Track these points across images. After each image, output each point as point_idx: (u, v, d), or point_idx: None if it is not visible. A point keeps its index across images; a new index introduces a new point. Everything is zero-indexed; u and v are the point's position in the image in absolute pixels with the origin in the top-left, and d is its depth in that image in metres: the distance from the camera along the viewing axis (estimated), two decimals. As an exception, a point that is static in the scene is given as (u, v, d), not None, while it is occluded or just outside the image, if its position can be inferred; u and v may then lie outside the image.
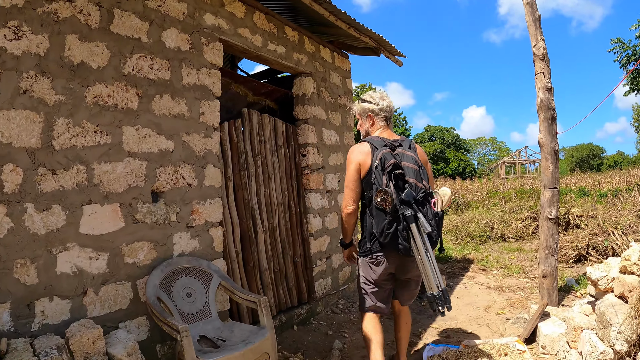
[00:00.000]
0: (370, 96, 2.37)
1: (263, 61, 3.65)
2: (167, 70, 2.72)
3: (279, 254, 3.71)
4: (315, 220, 4.12)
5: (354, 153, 2.24)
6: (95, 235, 2.31)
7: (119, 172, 2.46)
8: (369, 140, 2.25)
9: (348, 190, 2.24)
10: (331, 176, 4.38)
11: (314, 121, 4.12)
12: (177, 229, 2.75)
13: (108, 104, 2.42)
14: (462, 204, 12.42)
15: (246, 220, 3.40)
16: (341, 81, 4.69)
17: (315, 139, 4.13)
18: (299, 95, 4.09)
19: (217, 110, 3.03)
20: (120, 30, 2.48)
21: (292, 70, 3.98)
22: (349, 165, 2.23)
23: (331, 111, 4.44)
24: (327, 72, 4.41)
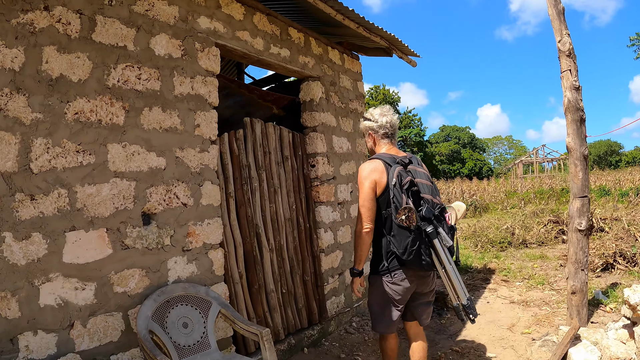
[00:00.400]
0: (370, 113, 2.34)
1: (265, 66, 3.45)
2: (156, 80, 2.54)
3: (287, 273, 3.49)
4: (326, 236, 3.89)
5: (367, 171, 2.18)
6: (80, 264, 2.17)
7: (104, 195, 2.30)
8: (380, 157, 2.22)
9: (365, 209, 2.16)
10: (343, 187, 4.14)
11: (323, 128, 3.89)
12: (171, 254, 2.57)
13: (91, 120, 2.26)
14: (480, 206, 12.16)
15: (250, 239, 3.19)
16: (352, 84, 4.45)
17: (324, 147, 3.90)
18: (306, 101, 3.87)
19: (215, 122, 2.84)
20: (103, 39, 2.32)
21: (298, 74, 3.77)
22: (362, 183, 2.17)
23: (342, 117, 4.20)
24: (337, 75, 4.18)
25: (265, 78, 4.61)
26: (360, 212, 2.18)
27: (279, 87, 4.49)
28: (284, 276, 3.45)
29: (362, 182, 2.17)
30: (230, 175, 3.10)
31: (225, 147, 3.09)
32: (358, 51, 4.55)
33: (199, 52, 2.78)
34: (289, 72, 3.69)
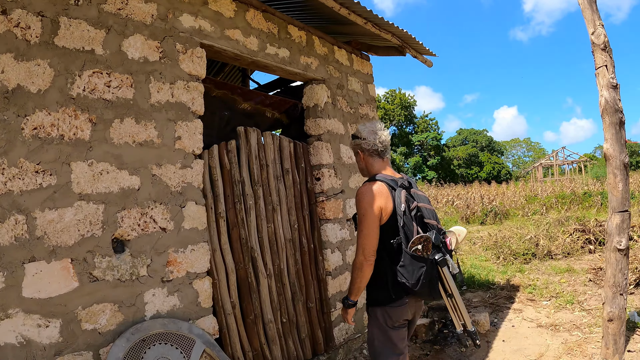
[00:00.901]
0: (357, 130, 2.24)
1: (262, 68, 3.19)
2: (129, 87, 2.30)
3: (288, 300, 3.19)
4: (333, 256, 3.58)
5: (371, 194, 2.02)
6: (42, 298, 1.98)
7: (67, 220, 2.09)
8: (382, 179, 2.08)
9: (369, 239, 2.00)
10: (353, 201, 3.82)
11: (329, 137, 3.59)
12: (148, 285, 2.32)
13: (52, 136, 2.06)
14: (500, 212, 11.90)
15: (244, 264, 2.92)
16: (362, 87, 4.14)
17: (331, 158, 3.60)
18: (309, 107, 3.58)
19: (199, 133, 2.58)
20: (67, 43, 2.12)
21: (301, 77, 3.49)
22: (366, 209, 2.00)
23: (351, 123, 3.89)
24: (344, 77, 3.88)
25: (269, 83, 4.34)
26: (364, 242, 2.00)
27: (284, 93, 4.21)
28: (285, 304, 3.16)
29: (366, 208, 2.00)
30: (221, 192, 2.83)
31: (215, 161, 2.83)
32: (368, 51, 4.24)
33: (181, 54, 2.54)
34: (289, 75, 3.41)
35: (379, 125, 2.22)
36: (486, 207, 12.46)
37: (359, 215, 2.02)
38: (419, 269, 1.95)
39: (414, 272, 1.96)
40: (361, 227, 2.00)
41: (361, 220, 2.00)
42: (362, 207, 2.00)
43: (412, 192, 2.09)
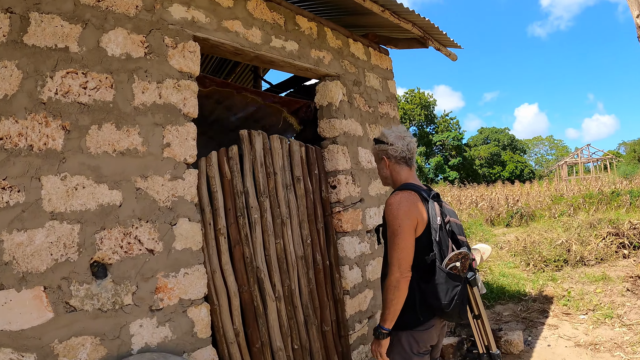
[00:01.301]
0: (383, 134, 2.10)
1: (267, 63, 2.91)
2: (108, 88, 2.07)
3: (300, 324, 2.90)
4: (351, 273, 3.26)
5: (407, 204, 1.89)
6: (13, 331, 1.80)
7: (38, 243, 1.88)
8: (414, 188, 1.96)
9: (406, 252, 1.87)
10: (373, 211, 3.50)
11: (345, 139, 3.28)
12: (134, 315, 2.08)
13: (19, 147, 1.87)
14: (526, 214, 11.57)
15: (249, 286, 2.64)
16: (381, 83, 3.81)
17: (348, 163, 3.28)
18: (323, 106, 3.28)
19: (192, 138, 2.33)
20: (38, 41, 1.93)
21: (312, 72, 3.20)
22: (402, 220, 1.87)
23: (370, 124, 3.57)
24: (361, 72, 3.57)
25: (281, 83, 4.07)
26: (400, 256, 1.86)
27: (297, 93, 3.93)
28: (296, 329, 2.87)
29: (403, 218, 1.86)
30: (221, 206, 2.57)
31: (214, 170, 2.57)
32: (387, 44, 3.92)
33: (170, 49, 2.29)
34: (299, 71, 3.12)
35: (405, 130, 2.12)
36: (511, 209, 12.21)
37: (393, 226, 1.86)
38: (453, 288, 1.86)
39: (448, 291, 1.86)
40: (396, 239, 1.85)
41: (396, 231, 1.85)
42: (398, 217, 1.86)
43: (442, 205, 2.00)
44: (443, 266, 1.86)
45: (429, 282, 1.89)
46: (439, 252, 1.88)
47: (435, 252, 1.88)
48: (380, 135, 2.11)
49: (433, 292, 1.88)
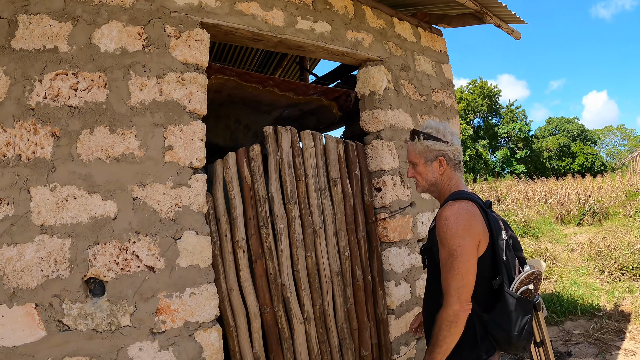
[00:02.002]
0: (436, 129, 1.83)
1: (294, 49, 2.68)
2: (101, 87, 1.98)
3: (334, 349, 2.66)
4: (398, 290, 2.93)
5: (466, 218, 1.61)
6: (6, 347, 1.82)
7: (28, 259, 1.86)
8: (472, 198, 1.70)
9: (468, 278, 1.59)
10: (426, 216, 3.12)
11: (391, 133, 2.94)
12: (133, 337, 1.99)
13: (7, 157, 1.87)
14: (599, 211, 10.90)
15: (272, 306, 2.45)
16: (434, 68, 3.39)
17: (395, 161, 2.95)
18: (365, 96, 2.97)
19: (200, 138, 2.18)
20: (26, 44, 1.91)
21: (349, 57, 2.90)
22: (463, 236, 1.59)
23: (422, 114, 3.19)
24: (410, 56, 3.19)
25: (327, 75, 3.81)
26: (460, 284, 1.57)
27: (346, 84, 3.65)
28: (328, 354, 2.63)
29: (463, 236, 1.58)
30: (239, 214, 2.40)
31: (231, 174, 2.40)
32: (439, 23, 3.49)
33: (173, 39, 2.15)
34: (333, 56, 2.84)
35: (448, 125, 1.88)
36: (582, 206, 11.50)
37: (451, 245, 1.58)
38: (524, 316, 1.64)
39: (519, 320, 1.63)
40: (455, 263, 1.58)
41: (455, 253, 1.58)
42: (457, 234, 1.58)
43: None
44: (513, 290, 1.63)
45: (494, 311, 1.64)
46: (507, 274, 1.65)
47: (503, 275, 1.64)
48: (432, 130, 1.83)
49: (500, 322, 1.63)
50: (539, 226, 10.01)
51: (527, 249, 7.41)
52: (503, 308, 1.63)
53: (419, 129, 1.86)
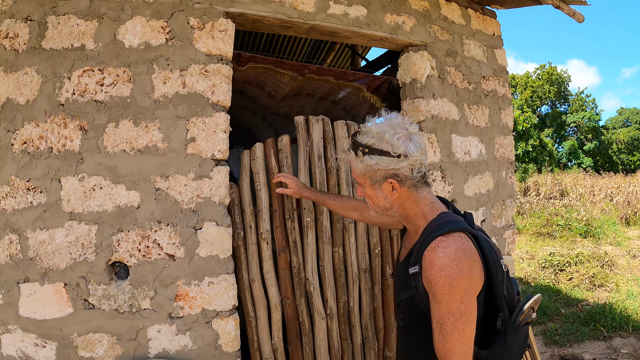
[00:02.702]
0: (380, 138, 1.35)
1: (326, 35, 2.61)
2: (126, 82, 2.08)
3: (356, 347, 2.63)
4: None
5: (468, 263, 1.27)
6: (38, 320, 2.06)
7: (59, 242, 2.05)
8: (464, 227, 1.33)
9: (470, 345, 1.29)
10: (471, 217, 2.90)
11: (433, 124, 2.77)
12: (152, 320, 2.13)
13: (40, 149, 2.05)
14: None
15: (294, 300, 2.47)
16: (485, 53, 3.09)
17: (436, 154, 2.77)
18: (406, 83, 2.81)
19: (223, 130, 2.21)
20: (55, 44, 2.06)
21: (389, 42, 2.75)
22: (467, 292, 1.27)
23: (469, 105, 2.94)
24: (457, 40, 2.94)
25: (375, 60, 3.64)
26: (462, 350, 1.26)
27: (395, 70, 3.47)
28: (349, 352, 2.60)
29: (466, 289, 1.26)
30: (265, 206, 2.43)
31: (258, 165, 2.42)
32: (491, 4, 3.11)
33: (196, 31, 2.18)
34: (370, 41, 2.71)
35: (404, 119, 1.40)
36: None
37: (452, 303, 1.25)
38: (524, 342, 1.45)
39: (520, 348, 1.42)
40: (457, 324, 1.25)
41: (457, 312, 1.26)
42: (459, 289, 1.25)
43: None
44: (516, 324, 1.38)
45: (494, 347, 1.39)
46: (508, 307, 1.38)
47: (504, 311, 1.37)
48: (375, 140, 1.36)
49: (500, 357, 1.40)
50: (601, 226, 9.05)
51: (584, 252, 6.65)
52: (504, 342, 1.39)
53: (356, 138, 1.40)
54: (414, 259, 1.34)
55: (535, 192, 13.51)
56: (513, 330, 1.37)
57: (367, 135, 1.37)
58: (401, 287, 1.43)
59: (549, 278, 6.04)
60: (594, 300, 5.04)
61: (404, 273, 1.40)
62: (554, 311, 4.75)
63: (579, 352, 3.80)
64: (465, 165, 2.91)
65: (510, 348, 1.38)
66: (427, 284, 1.28)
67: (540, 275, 6.21)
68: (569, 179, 16.35)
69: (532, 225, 9.24)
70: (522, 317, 1.38)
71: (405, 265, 1.41)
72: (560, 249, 7.19)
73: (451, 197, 2.83)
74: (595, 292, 5.44)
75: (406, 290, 1.37)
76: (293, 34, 2.56)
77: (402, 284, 1.42)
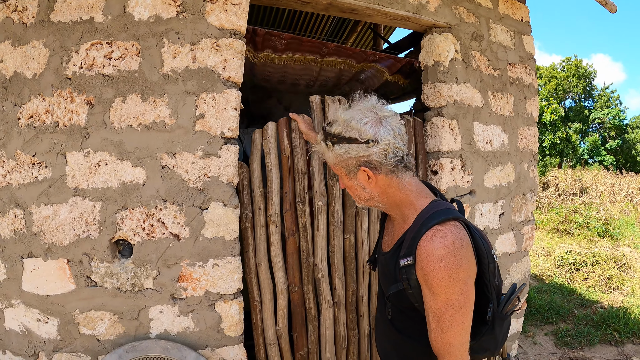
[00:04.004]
0: (346, 125, 1.29)
1: (345, 12, 2.46)
2: (134, 56, 1.98)
3: (363, 337, 2.55)
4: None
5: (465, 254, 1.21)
6: (40, 295, 2.04)
7: (62, 218, 2.00)
8: (458, 215, 1.26)
9: (467, 337, 1.25)
10: (487, 207, 2.77)
11: (455, 111, 2.61)
12: (154, 300, 2.07)
13: (46, 124, 1.99)
14: None
15: (301, 286, 2.39)
16: (512, 39, 2.90)
17: (457, 142, 2.62)
18: (428, 66, 2.65)
19: (233, 107, 2.10)
20: (63, 17, 1.98)
21: (412, 22, 2.59)
22: (466, 283, 1.21)
23: (493, 92, 2.77)
24: (484, 23, 2.76)
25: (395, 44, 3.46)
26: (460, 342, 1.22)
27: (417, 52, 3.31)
28: (355, 342, 2.52)
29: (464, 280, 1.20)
30: (275, 188, 2.33)
31: (270, 145, 2.31)
32: None
33: (209, 4, 2.07)
34: (392, 20, 2.55)
35: (377, 102, 1.33)
36: None
37: (451, 294, 1.18)
38: (508, 329, 1.44)
39: (504, 335, 1.42)
40: (457, 315, 1.20)
41: (456, 303, 1.19)
42: (458, 280, 1.18)
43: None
44: (504, 313, 1.36)
45: (481, 336, 1.35)
46: (496, 294, 1.35)
47: (494, 301, 1.33)
48: (341, 128, 1.29)
49: (486, 346, 1.39)
50: (620, 226, 8.66)
51: (602, 252, 6.38)
52: (491, 332, 1.36)
53: (326, 128, 1.35)
54: (406, 250, 1.25)
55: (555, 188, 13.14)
56: (500, 320, 1.35)
57: (335, 124, 1.32)
58: (390, 279, 1.35)
59: (564, 277, 5.84)
60: (609, 303, 4.83)
61: (392, 264, 1.32)
62: (567, 311, 4.58)
63: (589, 356, 3.64)
64: (486, 155, 2.75)
65: (497, 337, 1.37)
66: (422, 276, 1.20)
67: (555, 273, 6.01)
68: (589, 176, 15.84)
69: (549, 220, 8.96)
70: (510, 306, 1.36)
71: (394, 256, 1.32)
72: (577, 248, 6.95)
73: (470, 188, 2.68)
74: (610, 294, 5.22)
75: (396, 283, 1.30)
76: (311, 10, 2.42)
77: (391, 277, 1.34)
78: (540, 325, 4.31)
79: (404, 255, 1.25)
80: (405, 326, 1.37)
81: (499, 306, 1.34)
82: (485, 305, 1.32)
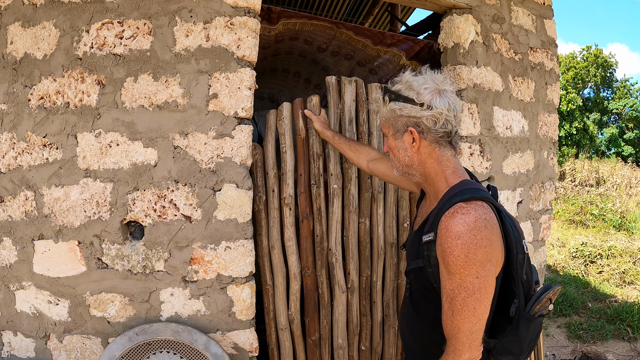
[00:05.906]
0: (408, 85, 1.26)
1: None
2: (146, 35, 1.90)
3: (375, 324, 2.46)
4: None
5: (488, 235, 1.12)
6: (51, 277, 2.01)
7: (73, 199, 1.95)
8: (487, 196, 1.18)
9: (481, 324, 1.16)
10: (506, 194, 2.66)
11: (474, 94, 2.49)
12: (165, 282, 2.01)
13: (57, 105, 1.95)
14: None
15: (314, 270, 2.31)
16: (534, 22, 2.75)
17: (476, 127, 2.50)
18: (447, 48, 2.52)
19: (247, 87, 2.01)
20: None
21: (432, 3, 2.46)
22: (484, 266, 1.12)
23: (514, 76, 2.64)
24: (505, 6, 2.62)
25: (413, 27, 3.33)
26: (473, 329, 1.15)
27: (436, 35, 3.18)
28: (368, 328, 2.43)
29: (483, 263, 1.11)
30: (290, 170, 2.24)
31: (284, 126, 2.23)
32: None
33: (223, -17, 1.96)
34: (411, 1, 2.42)
35: (445, 78, 1.28)
36: None
37: (466, 276, 1.11)
38: (536, 336, 1.29)
39: (531, 341, 1.28)
40: (469, 300, 1.12)
41: (470, 287, 1.12)
42: (475, 261, 1.10)
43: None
44: (530, 313, 1.22)
45: (504, 336, 1.24)
46: (525, 292, 1.23)
47: (520, 297, 1.22)
48: (403, 86, 1.27)
49: (509, 348, 1.25)
50: (636, 220, 8.29)
51: (617, 245, 6.15)
52: (515, 333, 1.25)
53: (388, 85, 1.34)
54: (429, 226, 1.21)
55: (571, 178, 12.83)
56: (527, 320, 1.22)
57: (398, 83, 1.30)
58: (413, 256, 1.30)
59: (579, 269, 5.67)
60: (623, 298, 4.67)
61: (417, 241, 1.28)
62: (580, 304, 4.43)
63: (602, 350, 3.51)
64: (505, 140, 2.62)
65: (521, 340, 1.25)
66: (440, 253, 1.14)
67: (570, 264, 5.84)
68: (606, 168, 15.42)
69: (565, 211, 8.74)
70: (539, 307, 1.24)
71: (419, 233, 1.28)
72: (592, 240, 6.74)
73: (488, 174, 2.56)
74: (625, 289, 5.04)
75: (417, 260, 1.25)
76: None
77: (414, 254, 1.29)
78: (553, 317, 4.18)
79: (427, 231, 1.20)
80: (423, 310, 1.31)
81: (526, 305, 1.23)
82: (511, 301, 1.23)
